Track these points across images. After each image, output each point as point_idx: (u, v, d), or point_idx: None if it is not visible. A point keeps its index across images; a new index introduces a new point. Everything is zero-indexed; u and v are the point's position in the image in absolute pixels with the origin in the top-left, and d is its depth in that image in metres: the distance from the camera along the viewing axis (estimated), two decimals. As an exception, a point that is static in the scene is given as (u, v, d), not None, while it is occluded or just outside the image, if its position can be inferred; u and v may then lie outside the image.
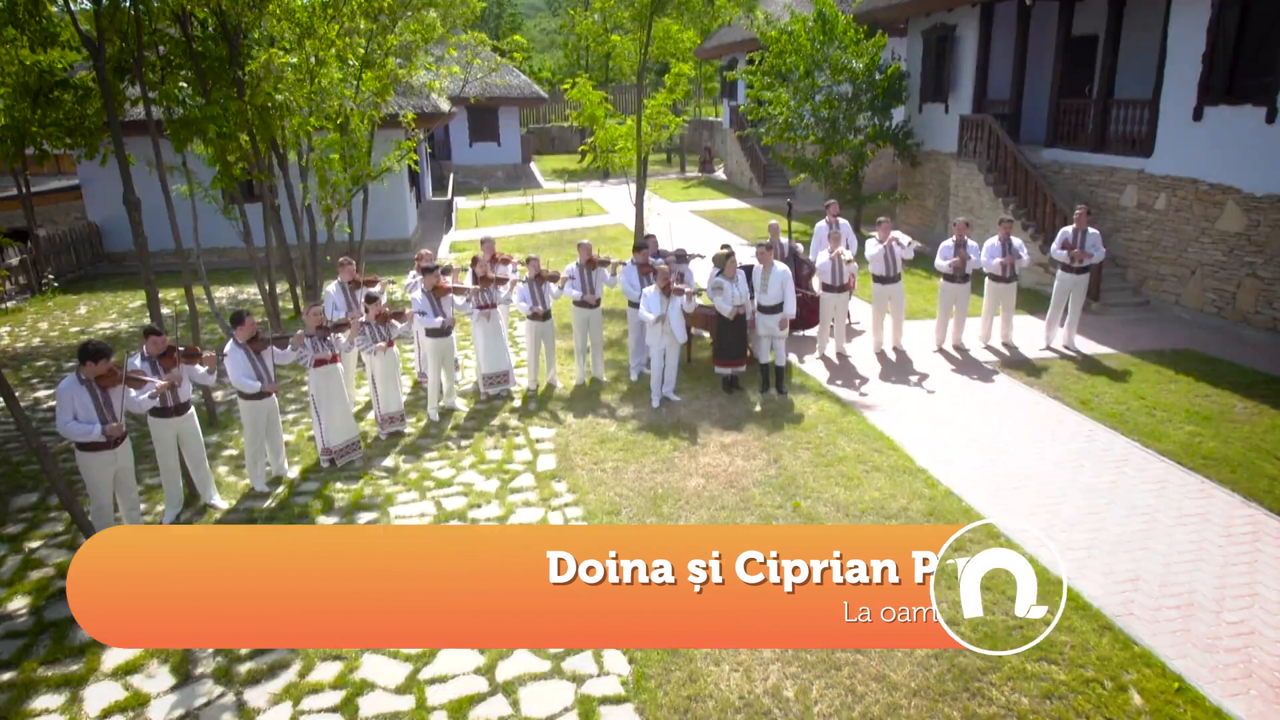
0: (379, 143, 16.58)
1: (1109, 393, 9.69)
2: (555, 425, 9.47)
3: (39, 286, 17.34)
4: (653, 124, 15.08)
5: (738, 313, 9.84)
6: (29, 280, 17.36)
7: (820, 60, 18.76)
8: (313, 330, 8.38)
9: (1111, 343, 11.48)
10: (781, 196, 26.32)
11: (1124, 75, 14.26)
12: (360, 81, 9.81)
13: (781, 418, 9.29)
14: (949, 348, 11.48)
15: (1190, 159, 12.24)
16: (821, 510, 7.31)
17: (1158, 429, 8.67)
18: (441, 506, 7.77)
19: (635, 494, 7.78)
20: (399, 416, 9.38)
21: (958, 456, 8.26)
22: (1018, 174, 14.74)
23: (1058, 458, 8.15)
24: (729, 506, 7.46)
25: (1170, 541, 6.63)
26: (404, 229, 21.05)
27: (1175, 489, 7.46)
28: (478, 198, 29.22)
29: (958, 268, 10.94)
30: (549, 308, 10.39)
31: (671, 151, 37.60)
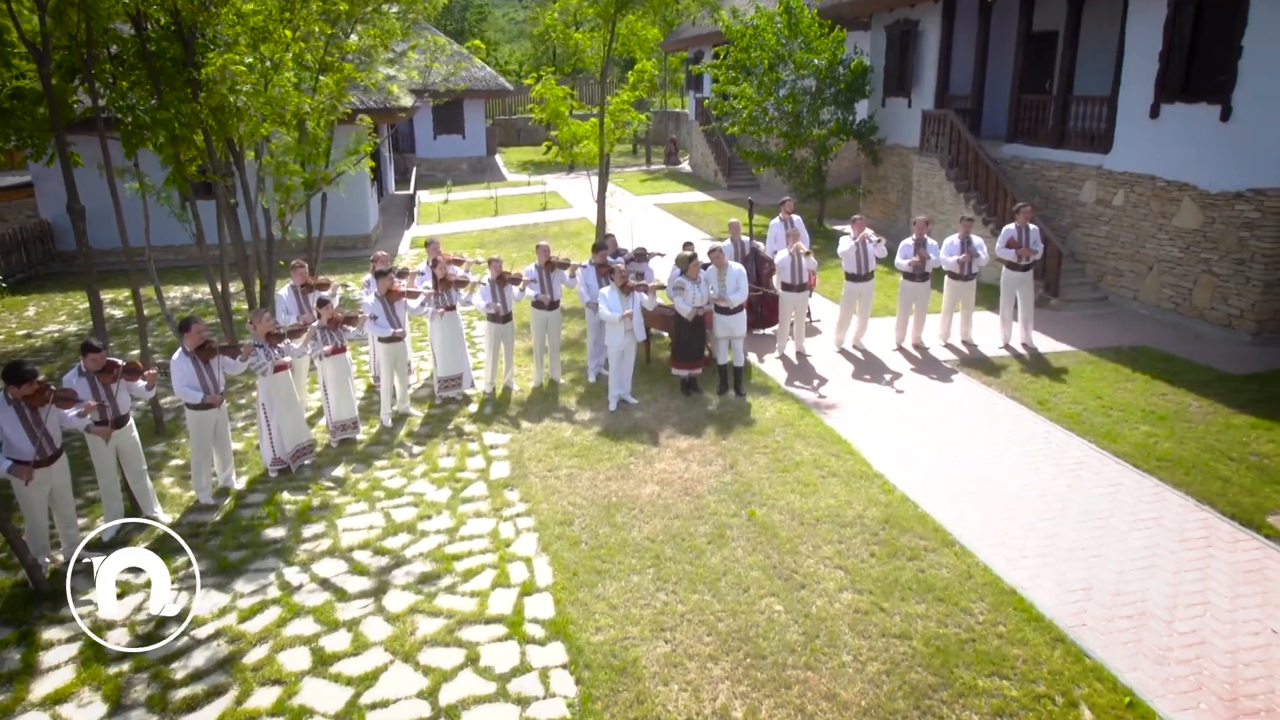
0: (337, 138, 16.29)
1: (1066, 392, 9.69)
2: (511, 430, 9.29)
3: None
4: (616, 121, 14.86)
5: (697, 313, 9.72)
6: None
7: (784, 55, 18.65)
8: (262, 338, 8.13)
9: (1070, 339, 11.50)
10: (746, 189, 26.30)
11: (1083, 72, 14.29)
12: (317, 85, 9.51)
13: (739, 421, 9.19)
14: (909, 346, 11.44)
15: (1148, 156, 12.28)
16: (776, 518, 7.21)
17: (1113, 429, 8.67)
18: (391, 518, 7.57)
19: (588, 503, 7.64)
20: (351, 424, 9.15)
21: (915, 459, 8.21)
22: (979, 169, 14.75)
23: (1014, 460, 8.12)
24: (683, 515, 7.34)
25: (1124, 548, 6.60)
26: (364, 225, 20.69)
27: (1130, 492, 7.46)
28: (441, 191, 28.84)
29: (917, 266, 10.89)
30: (510, 309, 10.20)
31: (637, 143, 37.38)
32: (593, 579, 6.51)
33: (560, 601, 6.26)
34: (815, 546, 6.78)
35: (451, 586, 6.54)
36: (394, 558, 6.95)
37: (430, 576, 6.67)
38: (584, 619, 6.04)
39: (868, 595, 6.13)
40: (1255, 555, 6.46)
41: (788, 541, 6.86)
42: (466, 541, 7.17)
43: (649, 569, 6.61)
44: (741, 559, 6.66)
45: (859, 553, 6.67)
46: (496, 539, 7.17)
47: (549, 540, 7.08)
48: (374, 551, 7.05)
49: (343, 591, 6.52)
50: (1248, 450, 8.14)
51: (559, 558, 6.82)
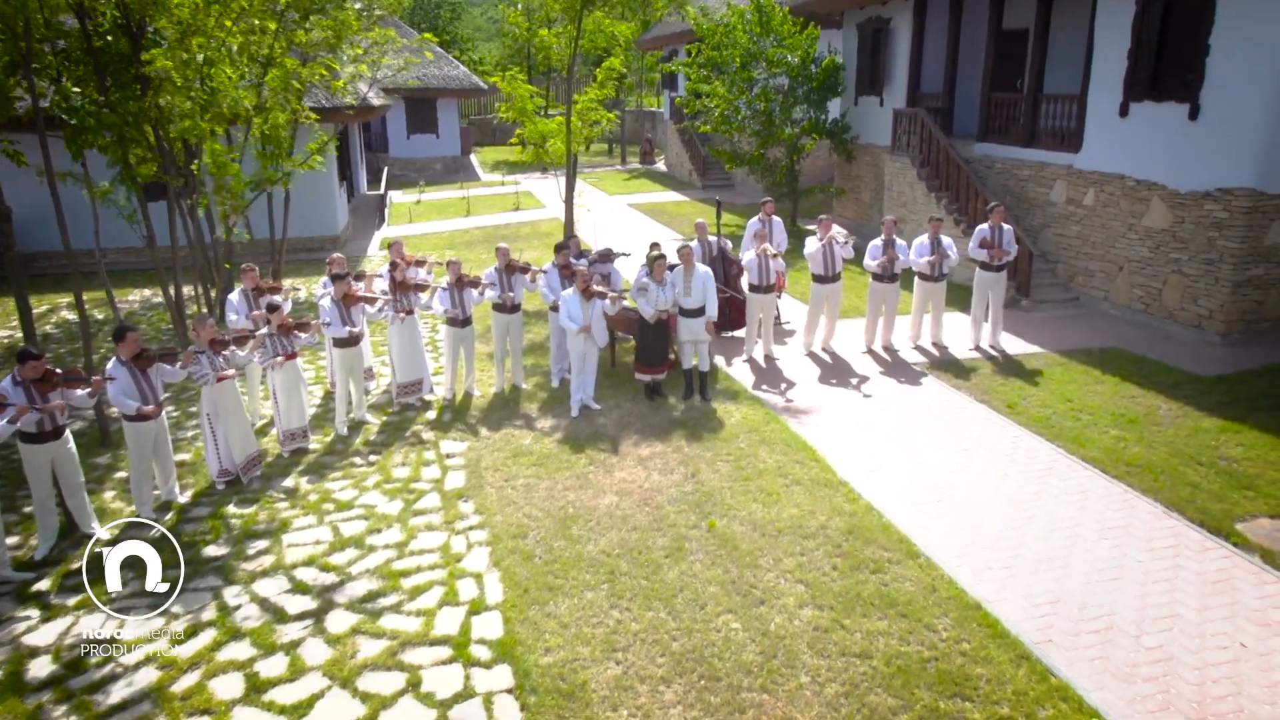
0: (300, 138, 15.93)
1: (1036, 395, 9.54)
2: (469, 438, 9.02)
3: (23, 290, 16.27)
4: (584, 120, 14.59)
5: (660, 317, 9.48)
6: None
7: (756, 53, 18.45)
8: (205, 345, 7.81)
9: (1041, 341, 11.37)
10: (721, 189, 26.11)
11: (1054, 70, 14.18)
12: (262, 81, 9.17)
13: (703, 427, 8.96)
14: (878, 348, 11.27)
15: (1117, 155, 12.18)
16: (737, 530, 6.99)
17: (1083, 434, 8.52)
18: (339, 532, 7.29)
19: (545, 514, 7.39)
20: (302, 432, 8.85)
21: (882, 466, 8.01)
22: (950, 168, 14.61)
23: (982, 466, 7.94)
24: (641, 527, 7.10)
25: (1092, 558, 6.43)
26: (332, 225, 20.28)
27: (1098, 499, 7.29)
28: (414, 191, 28.45)
29: (885, 267, 10.71)
30: (470, 314, 9.93)
31: (613, 143, 37.12)
32: (545, 596, 6.26)
33: (509, 620, 6.01)
34: (776, 559, 6.56)
35: (397, 605, 6.27)
36: (339, 575, 6.67)
37: (375, 595, 6.40)
38: (533, 639, 5.79)
39: (828, 611, 5.91)
40: (1223, 565, 6.31)
41: (748, 554, 6.64)
42: (416, 557, 6.89)
43: (603, 584, 6.37)
44: (699, 573, 6.43)
45: (821, 566, 6.46)
46: (447, 554, 6.91)
47: (502, 555, 6.82)
48: (319, 568, 6.77)
49: (283, 612, 6.23)
50: (1216, 454, 8.01)
51: (511, 573, 6.56)
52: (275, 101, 9.30)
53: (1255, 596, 5.93)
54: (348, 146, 25.60)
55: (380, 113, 23.08)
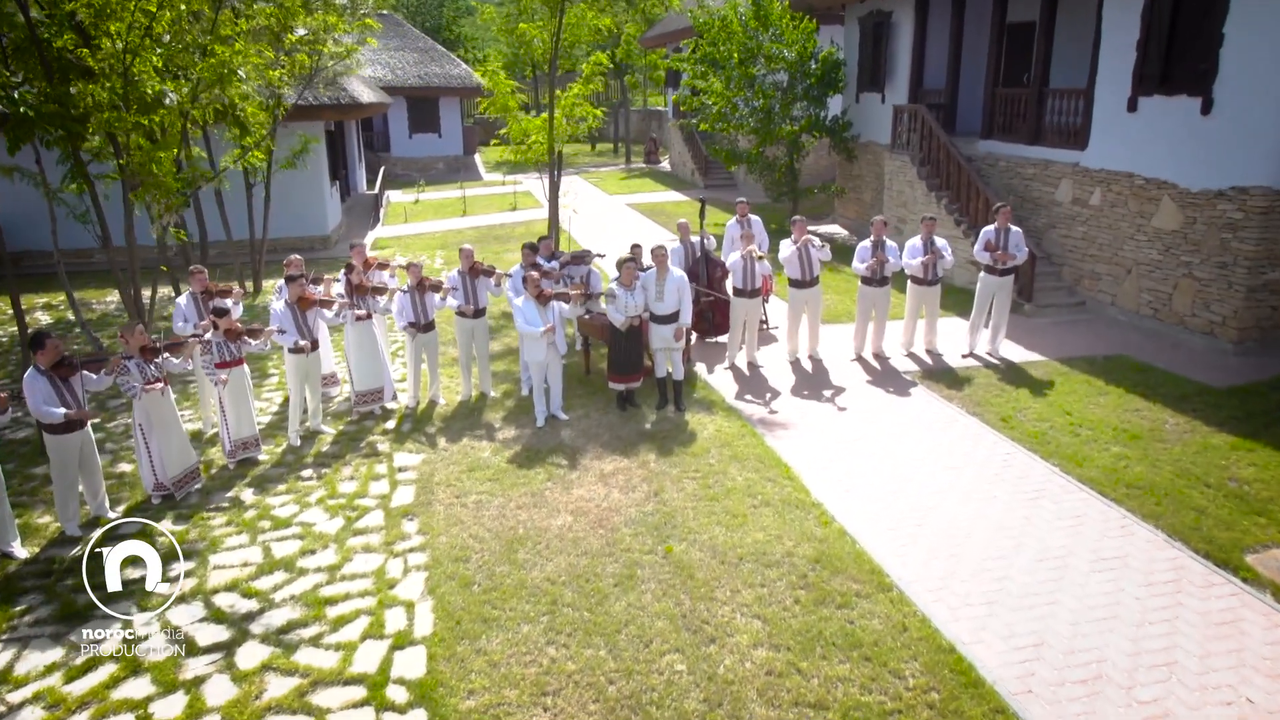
0: (282, 136, 15.51)
1: (1033, 407, 8.91)
2: (425, 450, 8.49)
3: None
4: (569, 116, 14.08)
5: (631, 324, 8.92)
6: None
7: (754, 48, 17.85)
8: (134, 352, 7.33)
9: (1042, 348, 10.72)
10: (723, 188, 25.55)
11: (1060, 64, 13.53)
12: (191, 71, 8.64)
13: (673, 440, 8.40)
14: (868, 355, 10.66)
15: (1125, 152, 11.51)
16: (695, 556, 6.42)
17: (1081, 451, 7.89)
18: (270, 553, 6.77)
19: (492, 535, 6.85)
20: (252, 442, 8.35)
21: (859, 486, 7.42)
22: (950, 167, 13.97)
23: (969, 486, 7.33)
24: (592, 551, 6.54)
25: (1082, 594, 5.82)
26: (322, 225, 19.85)
27: (1094, 525, 6.67)
28: (413, 191, 28.03)
29: (875, 270, 10.11)
30: (431, 319, 9.41)
31: (618, 142, 36.62)
32: (477, 629, 5.72)
33: (434, 657, 5.47)
34: (734, 591, 5.99)
35: (316, 638, 5.74)
36: (261, 601, 6.15)
37: (295, 625, 5.87)
38: (457, 679, 5.25)
39: (785, 652, 5.33)
40: (1230, 604, 5.68)
41: (704, 584, 6.07)
42: (347, 582, 6.37)
43: (543, 616, 5.82)
44: (648, 606, 5.87)
45: (782, 599, 5.88)
46: (381, 579, 6.37)
47: (438, 581, 6.29)
48: (241, 594, 6.25)
49: (193, 643, 5.71)
50: (1226, 475, 7.37)
51: (445, 602, 6.02)
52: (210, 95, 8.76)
53: (1265, 642, 5.30)
54: (343, 145, 25.21)
55: (372, 111, 22.63)
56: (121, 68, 7.38)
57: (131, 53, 7.32)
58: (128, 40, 7.17)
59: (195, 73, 8.65)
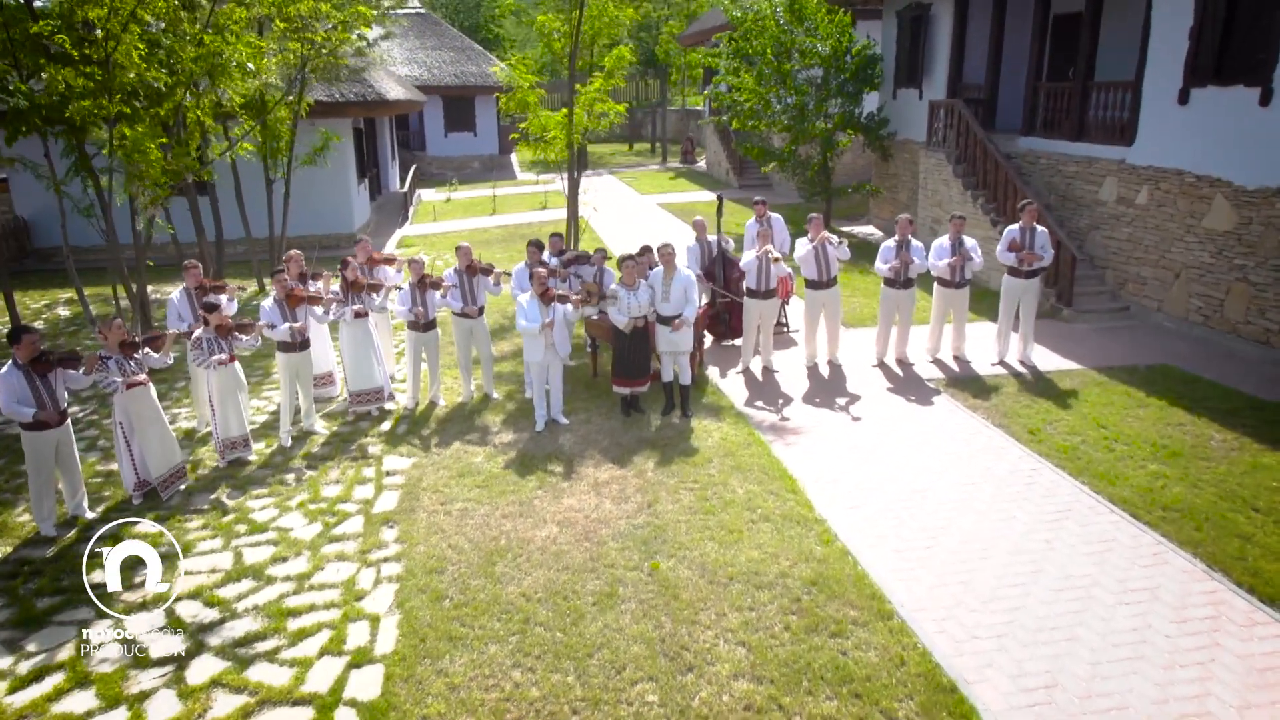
0: (303, 131, 15.38)
1: (1064, 420, 8.28)
2: (417, 454, 8.17)
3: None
4: (590, 112, 13.70)
5: (635, 325, 8.50)
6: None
7: (788, 43, 17.30)
8: (114, 348, 7.11)
9: (1079, 356, 10.05)
10: (757, 188, 25.00)
11: (1108, 56, 12.78)
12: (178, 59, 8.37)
13: (675, 448, 7.95)
14: (891, 361, 10.09)
15: (1175, 148, 10.77)
16: (683, 574, 5.97)
17: (1115, 468, 7.26)
18: (241, 559, 6.48)
19: (472, 546, 6.47)
20: (242, 441, 8.10)
21: (868, 501, 6.90)
22: (987, 164, 13.30)
23: (986, 505, 6.76)
24: (574, 566, 6.13)
25: (1106, 629, 5.24)
26: (348, 222, 19.75)
27: (1123, 551, 6.07)
28: (445, 190, 27.95)
29: (899, 271, 9.55)
30: (432, 317, 9.10)
31: (655, 142, 36.23)
32: (442, 647, 5.34)
33: (391, 678, 5.10)
34: (720, 614, 5.53)
35: (273, 652, 5.42)
36: (224, 611, 5.85)
37: (254, 637, 5.56)
38: (412, 703, 4.87)
39: (767, 685, 4.86)
40: (1275, 646, 5.06)
41: (688, 605, 5.62)
42: (315, 592, 6.05)
43: (513, 636, 5.42)
44: (626, 628, 5.44)
45: (771, 624, 5.40)
46: (350, 590, 6.04)
47: (409, 593, 5.93)
48: (205, 602, 5.96)
49: (145, 655, 5.43)
50: (1277, 498, 6.69)
51: (413, 617, 5.66)
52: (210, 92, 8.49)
53: (1313, 690, 4.69)
54: (374, 143, 25.20)
55: (402, 109, 22.50)
56: (103, 55, 7.15)
57: (114, 39, 7.09)
58: (109, 26, 6.94)
59: (184, 63, 8.35)
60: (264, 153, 13.98)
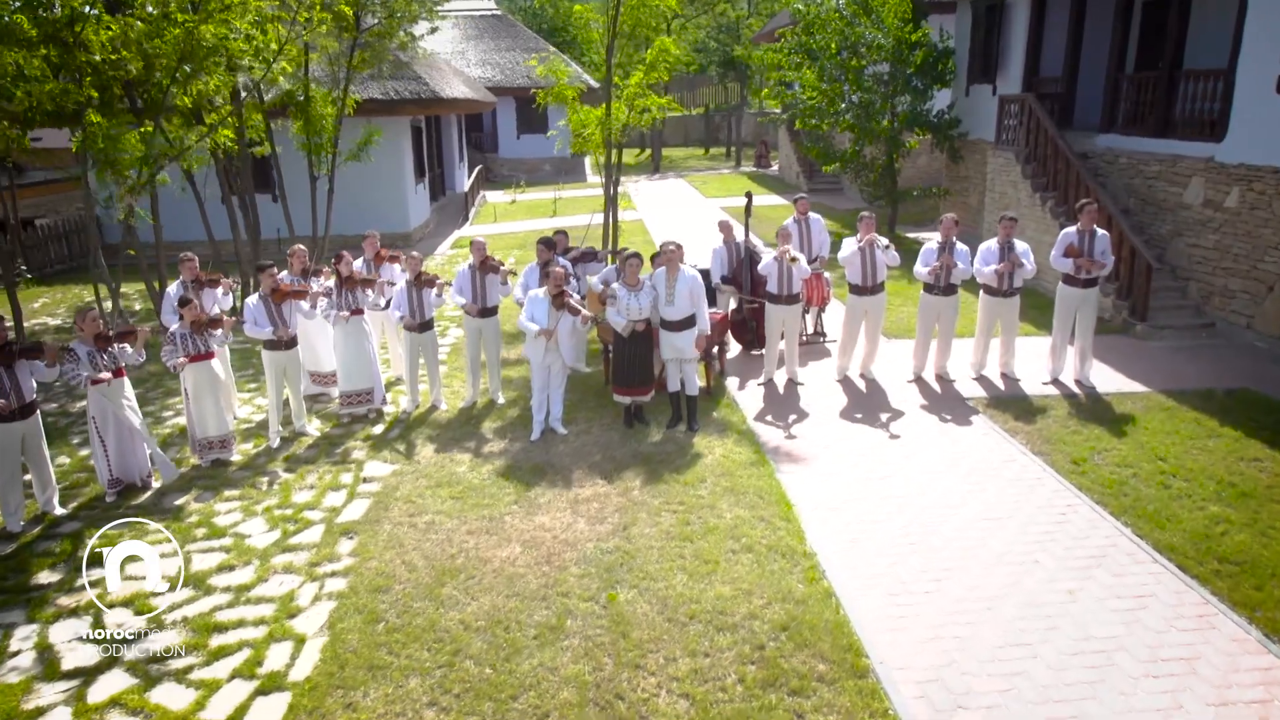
0: (349, 128, 15.31)
1: (1116, 449, 7.26)
2: (401, 460, 7.74)
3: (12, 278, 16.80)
4: (633, 108, 13.15)
5: (634, 328, 7.89)
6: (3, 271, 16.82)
7: (853, 37, 16.37)
8: (89, 340, 6.91)
9: (1148, 376, 8.93)
10: (827, 192, 24.06)
11: (1200, 43, 11.52)
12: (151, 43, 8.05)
13: (670, 465, 7.30)
14: (930, 377, 9.19)
15: (1272, 143, 9.51)
16: (640, 609, 5.32)
17: (1167, 508, 6.26)
18: (187, 566, 6.14)
19: (426, 564, 5.97)
20: (220, 442, 7.83)
21: (870, 534, 6.10)
22: (1058, 164, 12.17)
23: (1006, 545, 5.88)
24: (525, 593, 5.56)
25: (1125, 706, 4.36)
26: (403, 222, 19.72)
27: (1161, 610, 5.13)
28: (511, 191, 27.87)
29: (939, 276, 8.66)
30: (429, 317, 8.69)
31: (731, 145, 35.47)
32: (359, 677, 4.85)
33: (296, 709, 4.63)
34: (669, 658, 4.86)
35: (184, 671, 5.02)
36: (152, 621, 5.50)
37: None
38: (307, 742, 4.38)
39: (701, 750, 4.18)
40: (1337, 742, 4.10)
41: (636, 646, 4.97)
42: (251, 606, 5.65)
43: (439, 669, 4.88)
44: (562, 667, 4.83)
45: (724, 674, 4.71)
46: (286, 606, 5.61)
47: (345, 613, 5.47)
48: (136, 610, 5.63)
49: (55, 666, 5.11)
50: (1365, 554, 5.61)
51: (340, 640, 5.19)
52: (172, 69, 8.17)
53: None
54: (439, 142, 25.24)
55: (462, 108, 22.38)
56: (69, 36, 6.94)
57: (79, 21, 6.86)
58: (74, 6, 6.71)
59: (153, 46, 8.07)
60: (307, 149, 13.93)
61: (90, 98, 7.48)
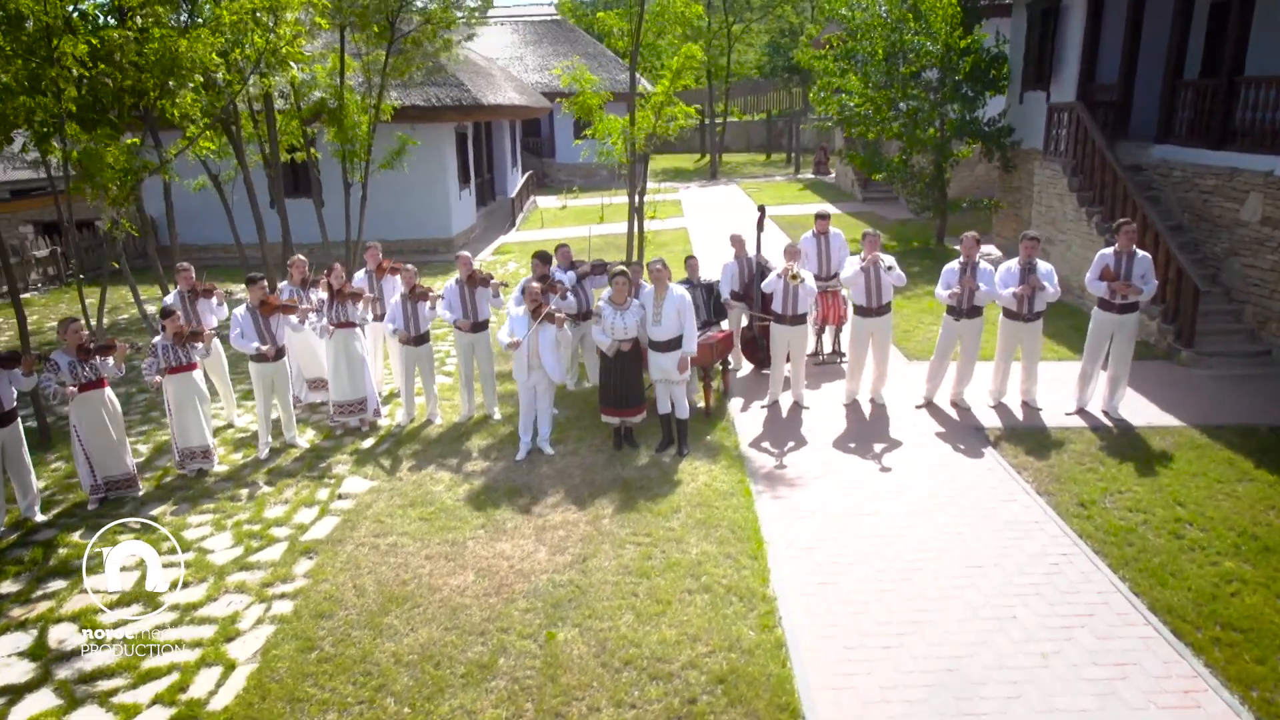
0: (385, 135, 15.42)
1: (1132, 492, 6.67)
2: (381, 476, 7.63)
3: (64, 278, 17.47)
4: (660, 115, 12.90)
5: (620, 348, 7.62)
6: (58, 271, 17.52)
7: (899, 43, 15.78)
8: (71, 351, 6.98)
9: (1185, 409, 8.24)
10: (881, 202, 23.40)
11: (1266, 48, 10.66)
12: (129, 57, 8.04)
13: (648, 492, 7.00)
14: (944, 402, 8.66)
15: (1335, 158, 8.72)
16: (577, 650, 5.04)
17: (1174, 562, 5.68)
18: (142, 580, 6.11)
19: (376, 588, 5.82)
20: (201, 452, 7.83)
21: (842, 578, 5.70)
22: (1105, 177, 11.42)
23: (984, 598, 5.40)
24: (465, 626, 5.34)
25: (1075, 793, 3.89)
26: (445, 227, 19.87)
27: (1143, 681, 4.61)
28: (563, 197, 27.86)
29: (961, 298, 8.16)
30: (424, 330, 8.58)
31: (791, 151, 34.85)
32: (277, 710, 4.70)
33: (202, 744, 4.50)
34: (593, 708, 4.58)
35: (109, 694, 4.95)
36: (92, 639, 5.46)
37: (101, 674, 5.12)
38: (205, 780, 4.24)
39: (599, 816, 3.88)
40: None
41: (562, 692, 4.70)
42: (193, 626, 5.57)
43: (358, 705, 4.70)
44: (481, 712, 4.59)
45: (645, 731, 4.40)
46: (226, 628, 5.51)
47: (282, 639, 5.33)
48: (81, 626, 5.60)
49: (-12, 683, 5.10)
50: (1397, 626, 4.97)
51: (268, 669, 5.05)
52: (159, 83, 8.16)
53: None
54: (488, 147, 25.37)
55: (506, 114, 22.45)
56: (46, 52, 6.95)
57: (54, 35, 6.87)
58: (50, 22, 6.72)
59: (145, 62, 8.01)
60: (341, 156, 14.07)
61: (69, 111, 7.55)
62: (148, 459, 8.29)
